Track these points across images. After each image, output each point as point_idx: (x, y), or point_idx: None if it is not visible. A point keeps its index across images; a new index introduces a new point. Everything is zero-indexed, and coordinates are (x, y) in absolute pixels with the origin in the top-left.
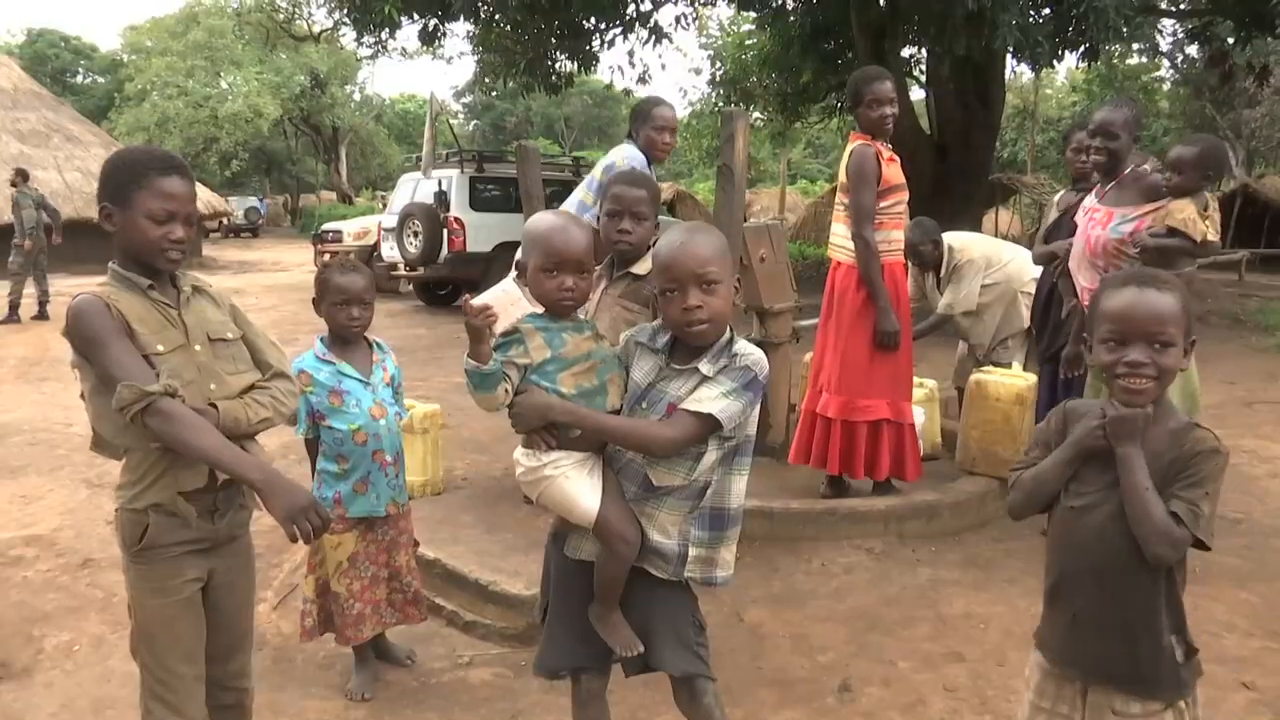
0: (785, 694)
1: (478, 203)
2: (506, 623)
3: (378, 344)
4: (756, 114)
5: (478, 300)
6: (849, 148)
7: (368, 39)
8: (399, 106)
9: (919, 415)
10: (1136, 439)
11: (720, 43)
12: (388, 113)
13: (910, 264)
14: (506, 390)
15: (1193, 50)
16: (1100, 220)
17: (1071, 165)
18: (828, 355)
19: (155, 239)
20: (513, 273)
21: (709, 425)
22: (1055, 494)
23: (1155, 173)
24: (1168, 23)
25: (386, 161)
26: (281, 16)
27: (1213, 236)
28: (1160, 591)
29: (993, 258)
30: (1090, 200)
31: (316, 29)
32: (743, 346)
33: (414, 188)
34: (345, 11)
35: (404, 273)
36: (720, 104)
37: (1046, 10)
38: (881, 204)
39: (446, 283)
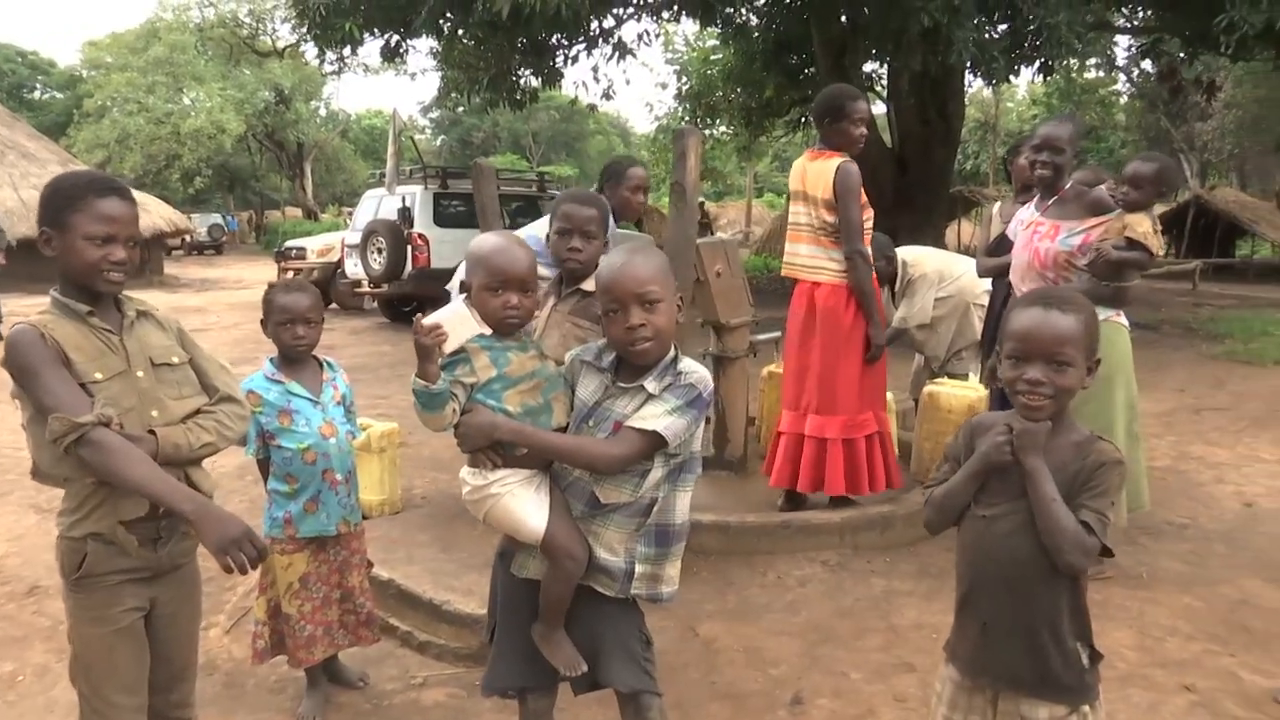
0: (737, 708)
1: (442, 219)
2: (460, 642)
3: (328, 363)
4: (722, 128)
5: (427, 320)
6: (829, 164)
7: (330, 55)
8: (365, 122)
9: None
10: (1039, 452)
11: (686, 58)
12: (354, 128)
13: None
14: (454, 410)
15: (1147, 65)
16: (1047, 233)
17: (1020, 177)
18: (812, 377)
19: (94, 261)
20: (462, 293)
21: (654, 443)
22: (966, 506)
23: (1102, 187)
24: (1123, 38)
25: (352, 177)
26: (245, 32)
27: (1160, 251)
28: (1065, 598)
29: (945, 272)
30: (1030, 214)
31: (280, 44)
32: (687, 364)
33: (378, 204)
34: (306, 28)
35: (368, 289)
36: (686, 119)
37: (1002, 26)
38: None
39: (411, 299)
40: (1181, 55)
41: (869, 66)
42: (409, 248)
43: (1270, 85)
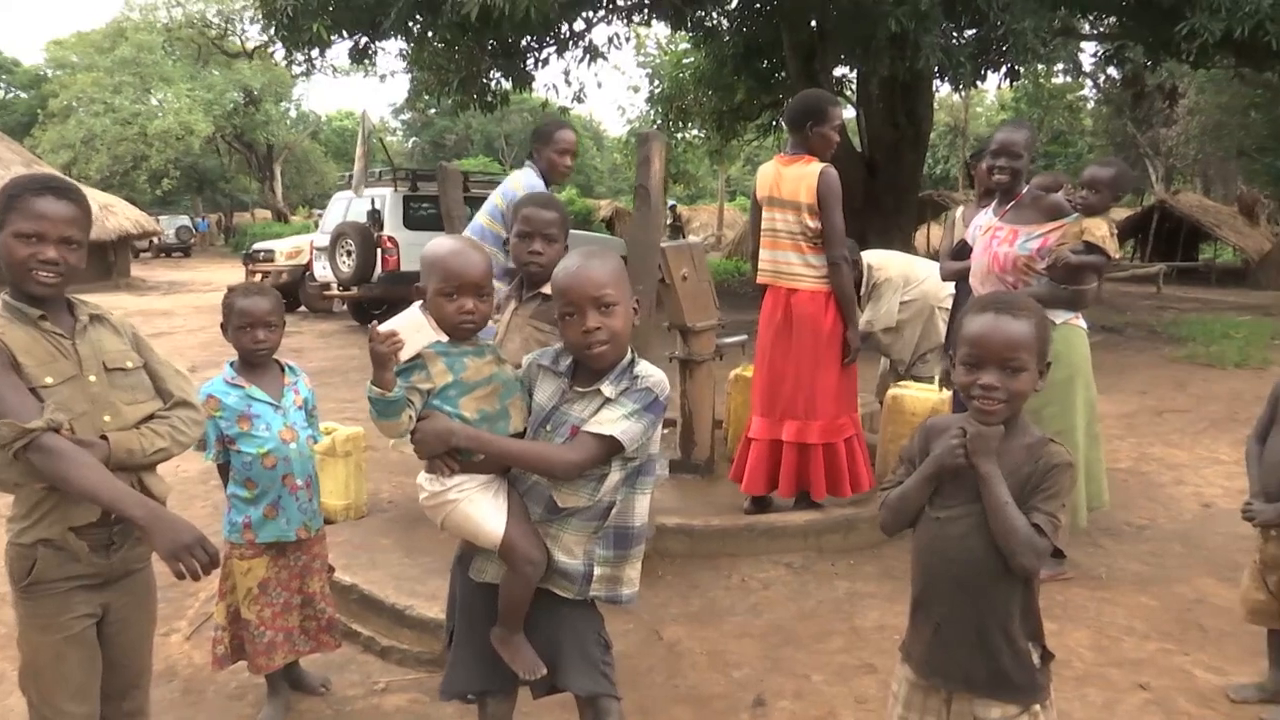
0: (700, 711)
1: (412, 221)
2: (423, 647)
3: (289, 367)
4: (694, 131)
5: (384, 327)
6: (809, 169)
7: (298, 57)
8: (336, 123)
9: None
10: (993, 455)
11: (658, 61)
12: (325, 130)
13: None
14: (410, 416)
15: (1113, 71)
16: (1005, 238)
17: (983, 181)
18: (790, 382)
19: (22, 259)
20: (419, 301)
21: (611, 447)
22: (920, 509)
23: (1060, 191)
24: (1090, 44)
25: (323, 179)
26: (214, 33)
27: (1117, 254)
28: (1017, 599)
29: (909, 275)
30: (989, 219)
31: (250, 45)
32: (644, 368)
33: (346, 206)
34: (274, 29)
35: (337, 292)
36: (658, 122)
37: (969, 32)
38: None
39: (380, 302)
40: (1145, 62)
41: (839, 71)
42: (378, 250)
43: (1232, 92)
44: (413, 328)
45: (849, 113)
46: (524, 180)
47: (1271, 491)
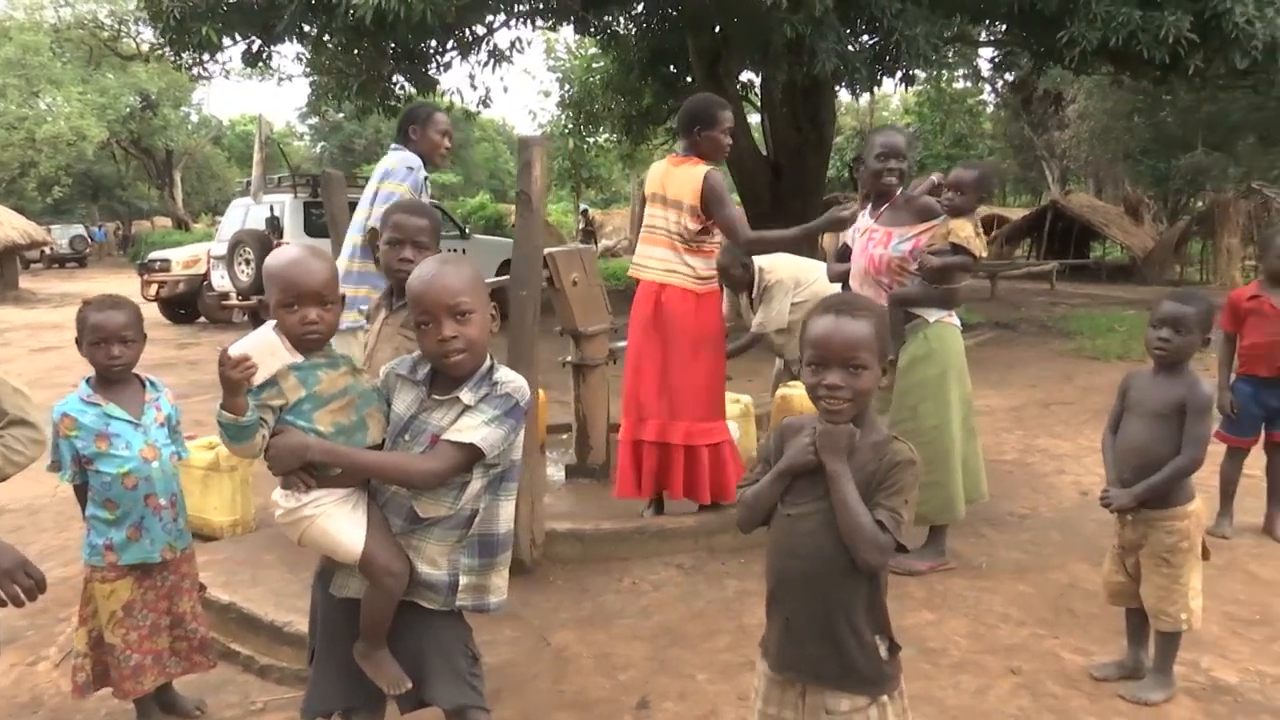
0: (583, 715)
1: (313, 228)
2: (303, 665)
3: (150, 382)
4: (605, 135)
5: (235, 350)
6: (695, 171)
7: (187, 58)
8: (241, 128)
9: (733, 430)
10: (842, 453)
11: (568, 66)
12: (228, 135)
13: (723, 286)
14: (264, 436)
15: (1011, 77)
16: (881, 240)
17: (874, 185)
18: (655, 381)
19: None
20: (272, 320)
21: (471, 455)
22: (773, 506)
23: (926, 194)
24: (988, 50)
25: (226, 185)
26: (106, 34)
27: (983, 253)
28: (863, 594)
29: (800, 277)
30: (866, 221)
31: (145, 48)
32: (504, 374)
33: (245, 213)
34: (160, 31)
35: (236, 302)
36: (569, 126)
37: (865, 38)
38: (714, 235)
39: None
40: (1032, 68)
41: (745, 76)
42: None
43: (1117, 98)
44: (266, 350)
45: (754, 118)
46: (402, 157)
47: (1126, 479)
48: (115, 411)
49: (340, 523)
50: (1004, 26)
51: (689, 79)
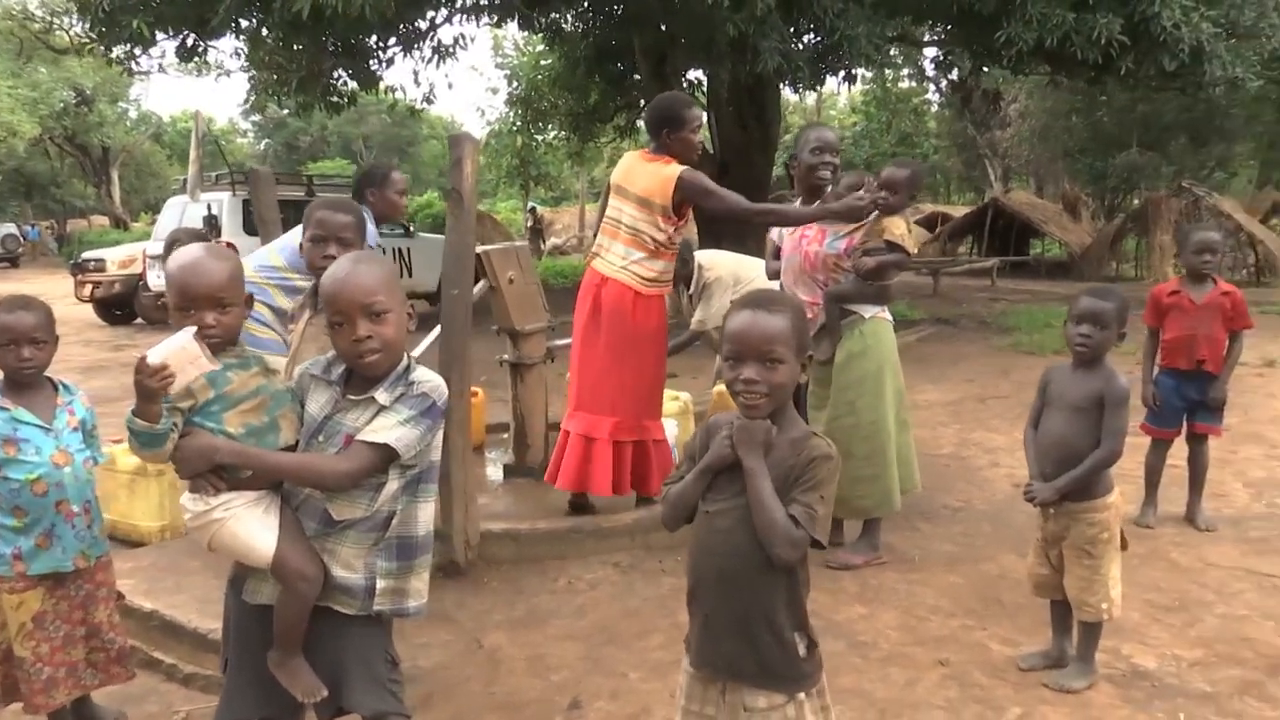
0: (514, 717)
1: (252, 227)
2: None
3: (63, 385)
4: (553, 133)
5: (153, 358)
6: (667, 171)
7: (118, 52)
8: (181, 125)
9: (672, 427)
10: (758, 449)
11: (516, 63)
12: (169, 132)
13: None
14: (173, 439)
15: (955, 75)
16: (814, 238)
17: (808, 179)
18: (591, 374)
19: None
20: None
21: (386, 455)
22: (695, 504)
23: (851, 190)
24: (931, 50)
25: (166, 183)
26: (37, 26)
27: (915, 250)
28: (780, 591)
29: (740, 274)
30: None
31: (80, 41)
32: (421, 374)
33: (182, 211)
34: (89, 24)
35: None
36: (517, 124)
37: (808, 37)
38: (674, 237)
39: None
40: (972, 68)
41: (692, 74)
42: None
43: (1056, 98)
44: (186, 358)
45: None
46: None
47: (1048, 472)
48: (24, 416)
49: (251, 526)
50: (946, 27)
51: (636, 76)
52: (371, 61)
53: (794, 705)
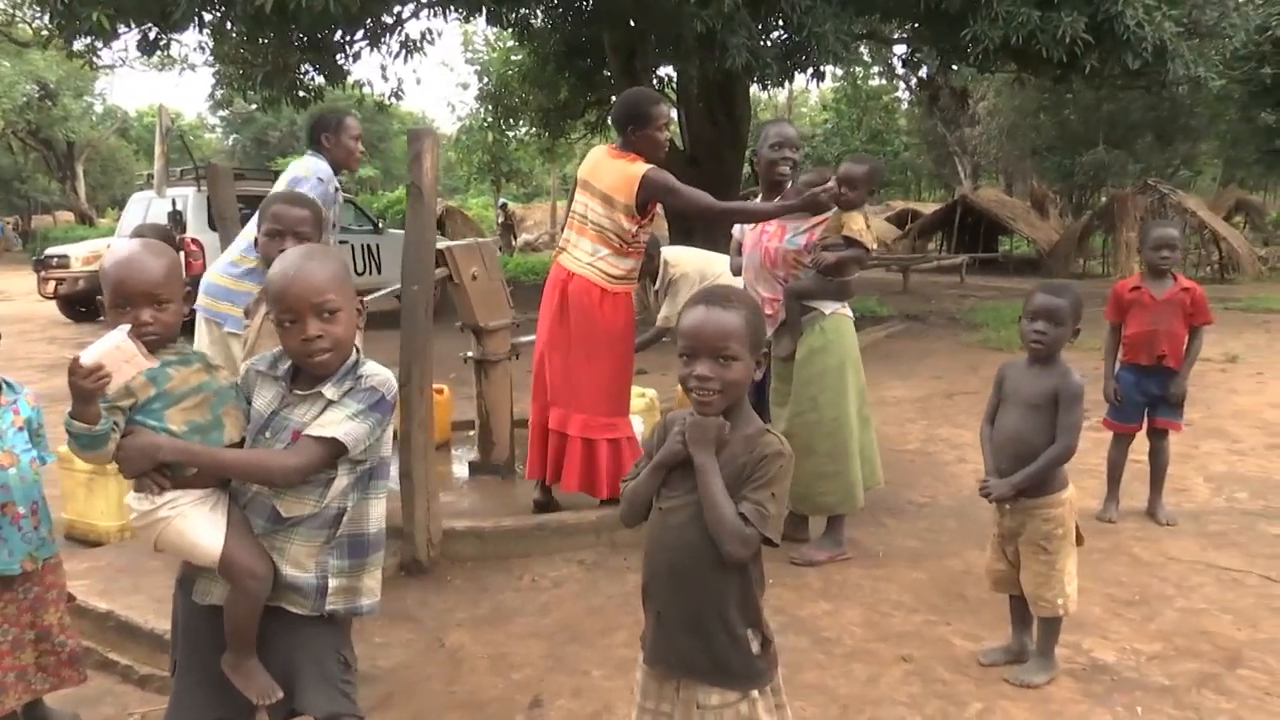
0: (475, 716)
1: None
2: None
3: (7, 384)
4: (524, 129)
5: (87, 358)
6: (633, 169)
7: (79, 45)
8: (148, 119)
9: (638, 424)
10: (709, 445)
11: (486, 58)
12: (135, 126)
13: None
14: (115, 440)
15: (923, 73)
16: (775, 234)
17: (769, 174)
18: (558, 370)
19: None
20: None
21: (334, 449)
22: (651, 500)
23: (809, 186)
24: (900, 47)
25: (133, 178)
26: (0, 19)
27: (874, 245)
28: (733, 588)
29: (705, 271)
30: None
31: (44, 34)
32: (370, 368)
33: (146, 207)
34: (49, 16)
35: None
36: (488, 120)
37: (776, 33)
38: (641, 235)
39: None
40: (940, 66)
41: (662, 70)
42: (181, 254)
43: (1023, 96)
44: (121, 357)
45: (672, 112)
46: (311, 165)
47: (1004, 468)
48: None
49: (197, 524)
50: (913, 24)
51: (606, 73)
52: (338, 56)
53: (747, 703)
